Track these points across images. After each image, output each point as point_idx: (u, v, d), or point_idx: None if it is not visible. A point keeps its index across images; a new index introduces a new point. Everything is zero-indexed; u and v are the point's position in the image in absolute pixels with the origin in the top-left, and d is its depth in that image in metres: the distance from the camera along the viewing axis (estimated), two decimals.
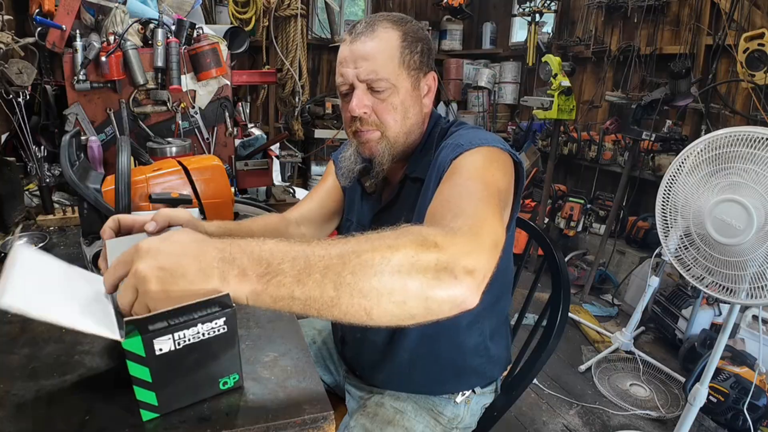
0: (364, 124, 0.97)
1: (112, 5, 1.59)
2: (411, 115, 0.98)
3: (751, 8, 2.80)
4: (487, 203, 0.73)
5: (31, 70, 1.54)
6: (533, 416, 2.15)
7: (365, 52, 0.93)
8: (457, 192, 0.76)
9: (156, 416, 0.64)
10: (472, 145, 0.87)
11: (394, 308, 0.57)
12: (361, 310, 0.56)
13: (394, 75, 0.94)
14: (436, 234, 0.61)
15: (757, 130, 1.43)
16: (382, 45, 0.93)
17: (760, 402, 1.89)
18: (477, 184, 0.77)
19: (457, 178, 0.81)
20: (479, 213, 0.70)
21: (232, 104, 1.81)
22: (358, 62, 0.93)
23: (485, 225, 0.67)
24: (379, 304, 0.56)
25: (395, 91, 0.95)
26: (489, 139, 0.90)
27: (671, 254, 1.73)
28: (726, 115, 3.01)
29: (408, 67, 0.95)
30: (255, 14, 3.65)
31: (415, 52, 0.96)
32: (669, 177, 1.69)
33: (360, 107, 0.94)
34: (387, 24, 0.95)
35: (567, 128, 3.83)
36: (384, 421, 1.01)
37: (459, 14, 4.78)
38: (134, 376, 0.60)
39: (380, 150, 0.99)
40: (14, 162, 1.47)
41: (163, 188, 1.05)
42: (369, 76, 0.93)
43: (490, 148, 0.87)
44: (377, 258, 0.56)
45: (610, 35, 3.77)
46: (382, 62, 0.93)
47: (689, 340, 2.46)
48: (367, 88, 0.95)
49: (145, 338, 0.58)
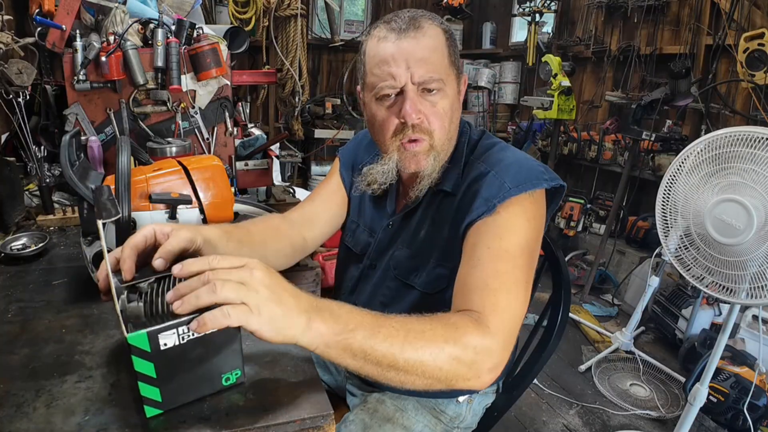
0: (416, 131, 0.88)
1: (112, 5, 1.59)
2: (454, 119, 0.92)
3: (751, 8, 2.80)
4: (521, 289, 0.80)
5: (31, 70, 1.54)
6: (533, 416, 2.15)
7: (419, 51, 0.84)
8: (493, 271, 0.79)
9: (159, 412, 0.64)
10: (519, 190, 0.84)
11: (422, 386, 0.69)
12: (397, 382, 0.68)
13: (446, 75, 0.87)
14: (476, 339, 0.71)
15: (757, 130, 1.43)
16: (434, 43, 0.86)
17: (760, 402, 1.89)
18: (517, 263, 0.81)
19: (496, 250, 0.81)
20: (512, 307, 0.78)
21: (232, 104, 1.80)
22: (410, 61, 0.84)
23: (514, 322, 0.77)
24: (413, 383, 0.69)
25: (445, 94, 0.88)
26: (535, 178, 0.86)
27: (671, 254, 1.73)
28: (726, 115, 3.01)
29: (454, 66, 0.89)
30: (255, 14, 3.65)
31: (457, 51, 0.91)
32: (669, 177, 1.69)
33: (416, 112, 0.86)
34: (429, 21, 0.87)
35: (567, 128, 3.83)
36: (383, 418, 1.01)
37: (459, 14, 4.78)
38: (139, 371, 0.60)
39: (428, 163, 0.90)
40: (14, 162, 1.47)
41: (163, 188, 1.05)
42: (427, 76, 0.85)
43: (532, 196, 0.86)
44: (428, 356, 0.67)
45: (610, 35, 3.77)
46: (437, 61, 0.86)
47: (689, 340, 2.46)
48: (421, 92, 0.87)
49: (151, 333, 0.58)
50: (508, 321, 0.76)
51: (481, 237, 0.84)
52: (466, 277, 0.81)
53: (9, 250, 1.17)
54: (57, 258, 1.20)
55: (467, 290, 0.80)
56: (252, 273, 0.61)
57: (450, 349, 0.69)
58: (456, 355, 0.69)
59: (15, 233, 1.32)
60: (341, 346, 0.64)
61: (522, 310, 0.80)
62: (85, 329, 0.86)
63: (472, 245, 0.84)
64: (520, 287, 0.80)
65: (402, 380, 0.68)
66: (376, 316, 0.68)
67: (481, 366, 0.71)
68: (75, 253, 1.23)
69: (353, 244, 1.13)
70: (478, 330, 0.72)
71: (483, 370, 0.71)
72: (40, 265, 1.14)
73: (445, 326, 0.71)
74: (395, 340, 0.66)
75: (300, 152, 3.82)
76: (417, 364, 0.67)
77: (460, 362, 0.69)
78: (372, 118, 0.93)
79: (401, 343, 0.66)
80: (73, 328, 0.87)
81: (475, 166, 0.93)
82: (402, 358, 0.66)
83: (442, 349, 0.68)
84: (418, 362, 0.67)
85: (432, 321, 0.71)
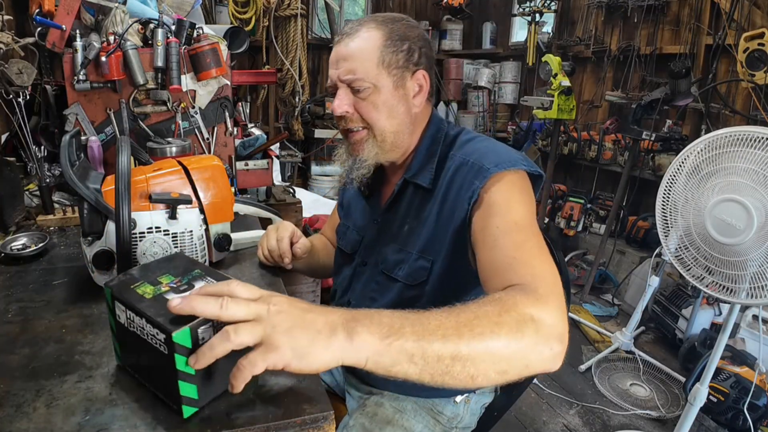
0: (349, 122, 0.99)
1: (112, 5, 1.59)
2: (397, 115, 0.98)
3: (751, 8, 2.80)
4: (544, 252, 0.79)
5: (31, 70, 1.54)
6: (533, 416, 2.15)
7: (346, 53, 0.95)
8: (517, 245, 0.79)
9: (195, 410, 0.63)
10: (498, 168, 0.88)
11: (496, 376, 0.63)
12: (467, 377, 0.61)
13: (372, 74, 0.94)
14: (531, 308, 0.66)
15: (757, 130, 1.43)
16: (362, 45, 0.95)
17: (760, 402, 1.89)
18: (527, 234, 0.81)
19: (502, 225, 0.82)
20: (548, 272, 0.75)
21: (232, 104, 1.80)
22: (339, 63, 0.96)
23: (556, 286, 0.74)
24: (486, 373, 0.62)
25: (376, 90, 0.95)
26: (512, 159, 0.90)
27: (671, 254, 1.73)
28: (726, 115, 3.01)
29: (389, 66, 0.95)
30: (255, 14, 3.65)
31: (400, 50, 0.96)
32: (669, 177, 1.69)
33: (340, 107, 0.97)
34: (372, 24, 0.96)
35: (567, 128, 3.83)
36: (383, 421, 1.01)
37: (459, 14, 4.78)
38: (180, 370, 0.59)
39: (367, 150, 1.00)
40: (14, 162, 1.47)
41: (163, 188, 1.05)
42: (347, 76, 0.95)
43: (516, 174, 0.89)
44: (488, 333, 0.61)
45: (610, 35, 3.77)
46: (360, 62, 0.94)
47: (689, 340, 2.46)
48: (348, 88, 0.96)
49: (192, 328, 0.58)
50: (552, 284, 0.73)
51: (485, 221, 0.85)
52: (491, 262, 0.80)
53: (9, 250, 1.17)
54: (57, 258, 1.20)
55: (497, 272, 0.78)
56: (268, 305, 0.57)
57: (510, 322, 0.63)
58: (518, 327, 0.63)
59: (15, 233, 1.32)
60: (395, 350, 0.58)
61: (556, 271, 0.76)
62: (85, 329, 0.86)
63: (481, 231, 0.85)
64: (544, 251, 0.79)
65: (472, 373, 0.61)
66: (418, 312, 0.62)
67: (549, 334, 0.65)
68: (75, 253, 1.23)
69: (344, 245, 1.17)
70: (528, 298, 0.68)
71: (552, 338, 0.65)
72: (40, 265, 1.14)
73: (494, 303, 0.66)
74: (449, 329, 0.60)
75: (300, 152, 3.82)
76: (481, 348, 0.60)
77: (525, 334, 0.63)
78: None
79: (456, 330, 0.60)
80: (73, 328, 0.87)
81: (454, 159, 0.97)
82: (464, 345, 0.60)
83: (500, 324, 0.62)
84: (482, 346, 0.61)
85: (477, 303, 0.66)
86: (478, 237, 0.85)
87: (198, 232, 1.07)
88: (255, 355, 0.55)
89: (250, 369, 0.55)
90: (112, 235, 0.94)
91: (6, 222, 1.36)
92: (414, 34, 0.98)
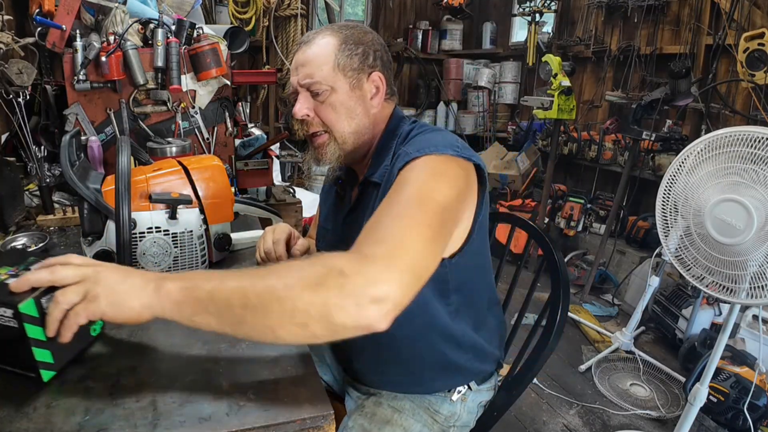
0: (310, 126, 1.03)
1: (112, 5, 1.59)
2: (355, 116, 1.01)
3: (751, 8, 2.80)
4: (418, 229, 0.72)
5: (31, 70, 1.54)
6: (533, 416, 2.15)
7: (303, 59, 1.00)
8: (388, 214, 0.75)
9: (53, 374, 0.71)
10: (420, 153, 0.86)
11: (298, 330, 0.62)
12: (266, 329, 0.63)
13: (329, 77, 0.98)
14: (345, 263, 0.64)
15: (757, 130, 1.43)
16: (318, 51, 0.99)
17: (760, 402, 1.89)
18: (412, 208, 0.76)
19: (394, 197, 0.79)
20: (404, 241, 0.70)
21: (232, 104, 1.80)
22: (298, 69, 1.01)
23: (406, 254, 0.68)
24: (283, 325, 0.62)
25: (333, 92, 0.99)
26: (440, 145, 0.88)
27: (671, 254, 1.73)
28: (726, 115, 3.01)
29: (344, 68, 0.99)
30: (255, 14, 3.65)
31: (354, 54, 0.99)
32: (669, 177, 1.69)
33: (300, 110, 1.01)
34: (328, 32, 1.01)
35: (567, 128, 3.83)
36: (382, 421, 1.01)
37: (459, 14, 4.78)
38: (32, 337, 0.67)
39: (330, 152, 1.03)
40: (14, 162, 1.47)
41: (163, 188, 1.05)
42: (305, 80, 0.99)
43: (438, 157, 0.86)
44: (280, 284, 0.63)
45: (610, 35, 3.77)
46: (316, 66, 0.98)
47: (689, 340, 2.46)
48: (308, 92, 1.00)
49: (35, 298, 0.67)
50: (397, 250, 0.67)
51: (382, 202, 0.80)
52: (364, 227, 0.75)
53: (9, 250, 1.17)
54: None
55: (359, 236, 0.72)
56: (95, 267, 0.69)
57: (310, 274, 0.63)
58: (318, 279, 0.62)
59: (15, 233, 1.32)
60: (192, 299, 0.64)
61: (425, 249, 0.71)
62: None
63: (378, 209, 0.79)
64: (423, 226, 0.73)
65: (269, 324, 0.62)
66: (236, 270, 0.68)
67: (356, 290, 0.61)
68: (75, 253, 1.23)
69: (323, 247, 1.19)
70: (352, 255, 0.66)
71: (361, 295, 0.61)
72: None
73: (310, 259, 0.66)
74: (244, 279, 0.64)
75: (300, 152, 3.82)
76: (270, 297, 0.61)
77: (325, 286, 0.61)
78: None
79: (249, 280, 0.64)
80: None
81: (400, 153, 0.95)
82: (252, 293, 0.62)
83: (299, 277, 0.63)
84: (271, 295, 0.61)
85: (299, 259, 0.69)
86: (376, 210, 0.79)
87: (198, 232, 1.07)
88: (78, 307, 0.66)
89: (75, 319, 0.66)
90: (112, 235, 0.94)
91: (6, 222, 1.36)
92: (368, 38, 1.03)
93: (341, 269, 0.63)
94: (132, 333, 0.86)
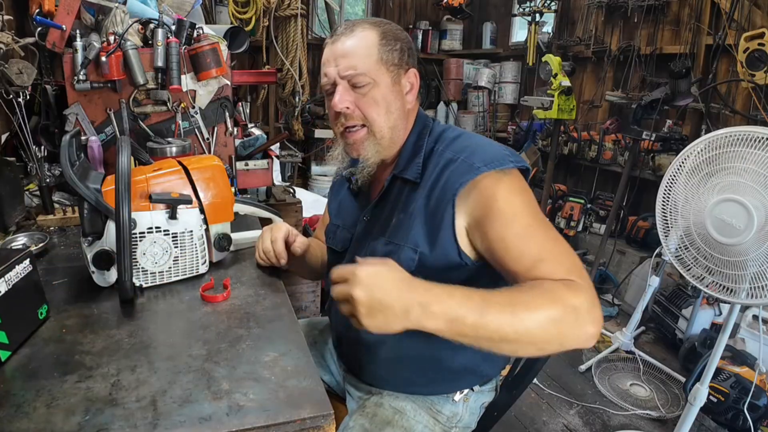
0: (348, 119, 1.00)
1: (112, 5, 1.59)
2: (394, 110, 1.01)
3: (751, 8, 2.80)
4: (561, 242, 0.88)
5: (31, 70, 1.54)
6: (533, 416, 2.15)
7: (344, 50, 0.98)
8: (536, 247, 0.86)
9: (10, 354, 0.77)
10: (489, 167, 0.90)
11: (535, 352, 0.78)
12: (510, 351, 0.78)
13: (373, 70, 0.97)
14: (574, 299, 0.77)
15: (757, 130, 1.43)
16: (361, 42, 0.98)
17: (760, 402, 1.88)
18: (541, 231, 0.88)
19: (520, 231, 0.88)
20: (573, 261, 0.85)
21: (232, 104, 1.80)
22: (338, 60, 0.98)
23: (583, 268, 0.85)
24: (526, 351, 0.78)
25: (375, 85, 0.98)
26: (500, 157, 0.93)
27: (671, 254, 1.73)
28: (726, 115, 3.01)
29: (386, 63, 0.99)
30: (255, 14, 3.64)
31: (394, 49, 1.00)
32: (669, 177, 1.69)
33: (342, 102, 0.98)
34: (366, 25, 1.00)
35: (567, 128, 3.83)
36: (383, 422, 1.01)
37: (459, 14, 4.78)
38: None
39: (367, 148, 1.02)
40: (14, 162, 1.47)
41: (163, 188, 1.05)
42: (348, 71, 0.97)
43: (511, 176, 0.92)
44: (534, 325, 0.74)
45: (610, 35, 3.77)
46: (361, 58, 0.97)
47: (689, 340, 2.46)
48: (349, 85, 0.98)
49: None
50: (581, 271, 0.83)
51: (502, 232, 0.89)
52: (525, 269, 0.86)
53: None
54: (57, 258, 1.20)
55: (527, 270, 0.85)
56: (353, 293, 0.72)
57: (554, 314, 0.75)
58: (559, 317, 0.75)
59: (15, 233, 1.32)
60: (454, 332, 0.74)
61: (576, 256, 0.87)
62: (85, 329, 0.86)
63: (501, 241, 0.89)
64: (560, 242, 0.88)
65: (515, 349, 0.77)
66: (479, 297, 0.75)
67: (586, 320, 0.77)
68: (75, 253, 1.23)
69: (335, 244, 1.18)
70: (570, 290, 0.79)
71: (588, 322, 0.77)
72: (40, 265, 1.14)
73: (544, 294, 0.78)
74: (502, 313, 0.74)
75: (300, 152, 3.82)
76: (527, 337, 0.74)
77: (563, 323, 0.76)
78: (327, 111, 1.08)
79: (508, 316, 0.74)
80: (73, 328, 0.87)
81: (443, 155, 0.99)
82: (512, 333, 0.74)
83: (547, 316, 0.75)
84: (528, 335, 0.74)
85: (532, 291, 0.78)
86: (497, 246, 0.89)
87: (198, 232, 1.07)
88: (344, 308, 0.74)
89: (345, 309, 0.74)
90: (112, 235, 0.94)
91: (6, 222, 1.36)
92: (403, 35, 1.03)
93: (574, 306, 0.76)
94: (132, 333, 0.86)
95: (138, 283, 1.01)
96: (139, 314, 0.93)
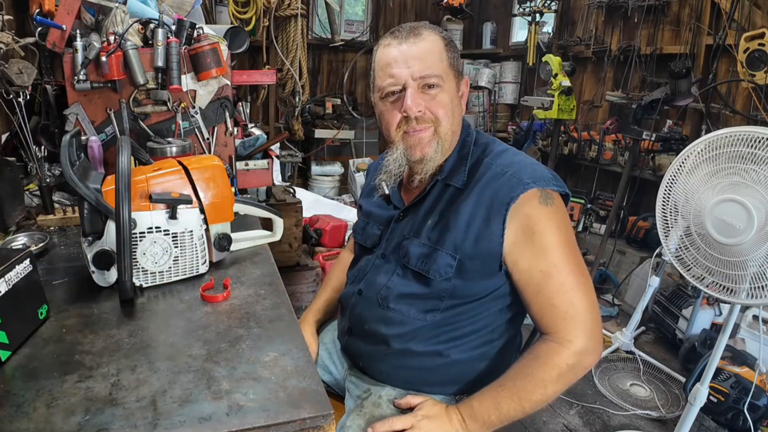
0: (419, 122, 1.00)
1: (112, 5, 1.59)
2: (456, 114, 1.03)
3: (752, 8, 2.80)
4: (580, 285, 0.96)
5: (32, 70, 1.54)
6: (533, 416, 2.15)
7: (417, 53, 0.98)
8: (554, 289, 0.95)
9: (10, 354, 0.77)
10: (537, 185, 0.95)
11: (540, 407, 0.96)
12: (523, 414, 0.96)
13: (444, 74, 0.99)
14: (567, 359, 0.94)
15: (757, 130, 1.43)
16: (433, 46, 0.99)
17: (760, 402, 1.88)
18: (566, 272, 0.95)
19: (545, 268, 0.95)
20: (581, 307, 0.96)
21: (232, 104, 1.80)
22: (410, 62, 0.97)
23: (589, 315, 0.96)
24: (533, 409, 0.95)
25: (444, 89, 1.00)
26: (546, 178, 0.97)
27: (671, 254, 1.73)
28: (726, 115, 3.01)
29: (453, 67, 1.02)
30: (255, 14, 3.65)
31: (456, 56, 1.03)
32: (669, 177, 1.69)
33: (417, 105, 0.98)
34: (430, 29, 1.02)
35: (567, 128, 3.83)
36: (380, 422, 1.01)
37: (459, 14, 4.78)
38: None
39: (432, 148, 1.02)
40: (14, 162, 1.47)
41: (163, 188, 1.05)
42: (424, 72, 0.97)
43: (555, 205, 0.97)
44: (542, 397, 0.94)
45: (610, 35, 3.77)
46: (435, 61, 0.98)
47: (689, 340, 2.46)
48: (418, 87, 0.99)
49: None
50: (583, 320, 0.95)
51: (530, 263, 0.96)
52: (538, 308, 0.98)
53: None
54: (57, 258, 1.20)
55: (543, 317, 0.98)
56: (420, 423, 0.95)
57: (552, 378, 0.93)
58: (558, 378, 0.93)
59: (15, 233, 1.32)
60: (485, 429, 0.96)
61: (590, 292, 0.96)
62: (85, 329, 0.86)
63: (527, 272, 0.97)
64: (580, 283, 0.95)
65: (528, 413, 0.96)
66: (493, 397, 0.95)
67: (581, 365, 0.95)
68: (75, 253, 1.23)
69: (363, 239, 1.19)
70: (561, 349, 0.94)
71: (584, 365, 0.95)
72: (40, 265, 1.14)
73: (538, 366, 0.94)
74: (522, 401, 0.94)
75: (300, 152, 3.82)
76: (538, 406, 0.94)
77: (564, 378, 0.93)
78: (380, 115, 1.07)
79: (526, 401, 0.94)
80: (73, 328, 0.87)
81: (490, 167, 1.01)
82: (529, 408, 0.94)
83: (545, 385, 0.93)
84: (537, 403, 0.93)
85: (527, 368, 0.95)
86: (522, 277, 0.97)
87: (198, 232, 1.07)
88: None
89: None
90: (112, 235, 0.94)
91: (6, 222, 1.36)
92: (455, 45, 1.06)
93: (569, 365, 0.93)
94: (132, 333, 0.86)
95: (138, 283, 1.01)
96: (139, 314, 0.93)
